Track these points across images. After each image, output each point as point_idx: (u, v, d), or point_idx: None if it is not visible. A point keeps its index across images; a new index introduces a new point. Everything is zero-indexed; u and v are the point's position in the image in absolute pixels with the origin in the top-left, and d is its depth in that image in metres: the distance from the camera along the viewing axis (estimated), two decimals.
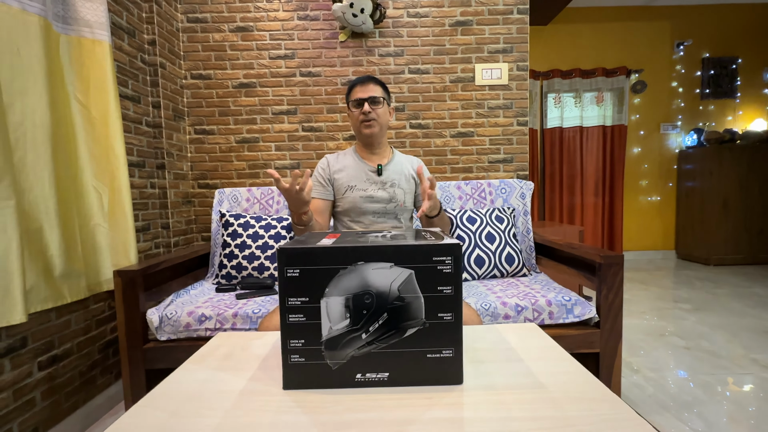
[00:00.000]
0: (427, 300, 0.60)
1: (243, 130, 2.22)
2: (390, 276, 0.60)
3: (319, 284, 0.59)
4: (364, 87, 1.25)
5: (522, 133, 2.23)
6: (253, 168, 2.24)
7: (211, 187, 2.23)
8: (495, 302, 1.32)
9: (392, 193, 1.32)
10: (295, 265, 0.59)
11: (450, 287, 0.60)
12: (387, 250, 0.59)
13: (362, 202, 1.30)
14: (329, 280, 0.59)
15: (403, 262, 0.59)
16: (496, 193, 1.89)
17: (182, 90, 2.17)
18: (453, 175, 2.25)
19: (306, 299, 0.59)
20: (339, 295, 0.59)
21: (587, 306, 1.33)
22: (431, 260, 0.59)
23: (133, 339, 1.27)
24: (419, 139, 2.24)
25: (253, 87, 2.20)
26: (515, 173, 2.25)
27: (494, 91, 2.21)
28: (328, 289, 0.59)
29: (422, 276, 0.60)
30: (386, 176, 1.33)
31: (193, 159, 2.22)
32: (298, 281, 0.59)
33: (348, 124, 2.23)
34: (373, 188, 1.31)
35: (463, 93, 2.21)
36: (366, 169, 1.33)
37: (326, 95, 2.22)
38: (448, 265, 0.59)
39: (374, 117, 1.26)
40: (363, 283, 0.59)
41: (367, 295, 0.59)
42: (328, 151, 2.23)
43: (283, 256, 0.59)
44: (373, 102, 1.25)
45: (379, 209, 1.31)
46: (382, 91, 1.28)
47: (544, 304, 1.32)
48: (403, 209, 1.35)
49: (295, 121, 2.22)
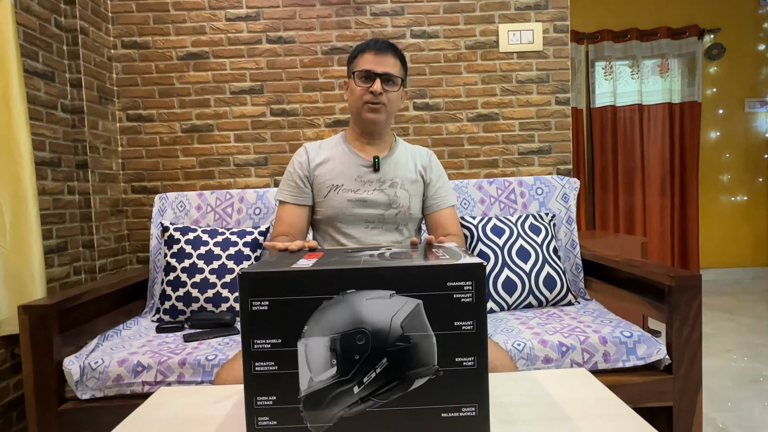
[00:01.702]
0: (441, 340, 0.60)
1: (192, 116, 2.23)
2: (390, 308, 0.60)
3: (295, 321, 0.59)
4: (381, 57, 1.24)
5: (563, 115, 2.25)
6: (206, 165, 2.25)
7: (149, 191, 2.23)
8: (531, 341, 1.32)
9: (393, 195, 1.31)
10: (262, 295, 0.59)
11: (471, 322, 0.60)
12: (386, 274, 0.60)
13: (351, 207, 1.29)
14: (309, 315, 0.59)
15: (408, 289, 0.60)
16: (530, 194, 1.90)
17: (110, 63, 2.18)
18: (472, 172, 2.27)
19: (278, 341, 0.59)
20: (322, 335, 0.59)
21: (655, 344, 1.33)
22: (445, 286, 0.59)
23: (44, 398, 1.25)
24: (426, 125, 2.26)
25: (205, 58, 2.22)
26: (554, 168, 2.26)
27: (525, 60, 2.24)
28: (308, 327, 0.59)
29: (434, 308, 0.60)
30: (385, 172, 1.33)
31: (125, 154, 2.23)
32: (267, 317, 0.59)
33: (333, 105, 2.24)
34: (366, 188, 1.30)
35: (483, 63, 2.24)
36: (358, 163, 1.32)
37: (302, 68, 2.23)
38: (468, 293, 0.60)
39: (384, 101, 1.25)
40: (354, 318, 0.59)
41: (360, 334, 0.60)
42: (305, 143, 2.23)
43: (246, 284, 0.59)
44: (387, 81, 1.25)
45: (375, 217, 1.31)
46: (401, 68, 1.28)
47: (596, 343, 1.32)
48: (408, 218, 1.34)
49: (261, 103, 2.24)
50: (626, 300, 1.53)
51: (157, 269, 1.81)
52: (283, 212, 1.33)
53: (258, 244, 1.74)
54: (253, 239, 1.73)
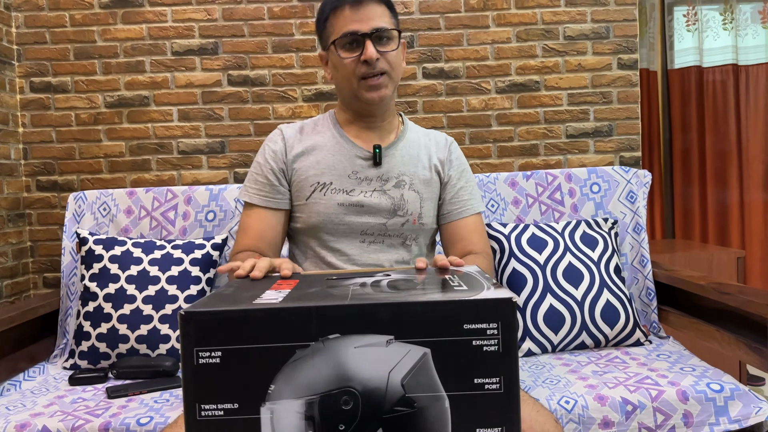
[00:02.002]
0: (457, 403, 0.60)
1: (120, 85, 2.24)
2: (387, 360, 0.60)
3: (258, 379, 0.59)
4: (362, 9, 1.24)
5: (628, 83, 2.26)
6: (139, 152, 2.25)
7: (61, 188, 2.24)
8: (585, 397, 1.32)
9: (398, 198, 1.33)
10: (213, 343, 0.59)
11: (497, 379, 0.60)
12: (381, 313, 0.60)
13: (343, 214, 1.30)
14: (277, 370, 0.59)
15: (411, 334, 0.60)
16: (583, 192, 1.90)
17: (8, 13, 2.19)
18: (502, 162, 2.28)
19: (234, 406, 0.59)
20: (295, 397, 0.59)
21: (754, 400, 1.33)
22: (461, 330, 0.60)
23: None
24: (440, 98, 2.27)
25: (138, 5, 2.23)
26: (617, 155, 2.27)
27: (575, 8, 2.25)
28: (275, 386, 0.59)
29: (446, 359, 0.60)
30: (389, 167, 1.34)
31: (28, 138, 2.23)
32: (219, 374, 0.59)
33: (314, 71, 2.25)
34: (363, 188, 1.32)
35: (518, 12, 2.24)
36: (353, 154, 1.34)
37: (271, 19, 2.25)
38: (492, 339, 0.60)
39: (385, 68, 1.26)
40: (338, 373, 0.59)
41: (347, 396, 0.60)
42: (276, 123, 2.26)
43: (190, 329, 0.59)
44: (380, 39, 1.25)
45: (374, 227, 1.32)
46: (390, 15, 1.29)
47: (674, 399, 1.32)
48: (418, 229, 1.35)
49: (215, 68, 2.25)
50: (715, 339, 1.53)
51: (71, 296, 1.81)
52: (248, 219, 1.34)
53: (211, 262, 1.75)
54: (204, 255, 1.74)
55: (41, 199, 2.23)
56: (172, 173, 2.25)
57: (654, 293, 1.82)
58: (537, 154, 2.27)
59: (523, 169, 2.26)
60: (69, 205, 1.91)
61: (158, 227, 1.87)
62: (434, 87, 2.26)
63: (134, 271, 1.68)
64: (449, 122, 2.26)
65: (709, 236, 3.90)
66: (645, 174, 1.93)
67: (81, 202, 1.90)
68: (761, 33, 3.96)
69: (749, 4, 3.98)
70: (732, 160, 3.92)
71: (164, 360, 1.58)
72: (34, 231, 2.23)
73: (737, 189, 3.91)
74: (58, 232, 2.21)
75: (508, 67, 2.25)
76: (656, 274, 1.84)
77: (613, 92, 2.26)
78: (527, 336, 1.62)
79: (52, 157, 2.23)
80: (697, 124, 3.92)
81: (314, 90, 2.25)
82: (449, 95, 2.26)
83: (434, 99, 2.26)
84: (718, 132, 3.91)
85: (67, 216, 1.89)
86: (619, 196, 1.90)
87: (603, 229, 1.78)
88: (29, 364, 1.68)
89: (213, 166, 2.25)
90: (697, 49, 3.94)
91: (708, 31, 3.94)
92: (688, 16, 3.90)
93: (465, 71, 2.26)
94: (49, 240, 2.22)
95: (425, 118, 2.25)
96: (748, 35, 3.96)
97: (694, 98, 3.87)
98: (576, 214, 1.89)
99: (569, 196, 1.90)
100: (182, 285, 1.68)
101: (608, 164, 2.27)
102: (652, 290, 1.82)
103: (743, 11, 3.96)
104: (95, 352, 1.62)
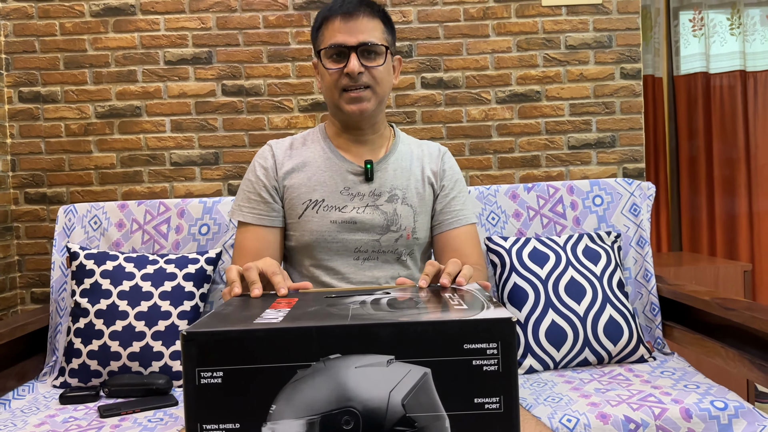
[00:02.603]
0: (457, 423, 0.60)
1: (111, 95, 2.24)
2: (388, 380, 0.61)
3: (259, 398, 0.60)
4: (352, 22, 1.26)
5: (631, 92, 2.27)
6: (131, 164, 2.25)
7: (50, 200, 2.23)
8: (587, 415, 1.32)
9: (391, 213, 1.34)
10: (215, 363, 0.60)
11: (497, 399, 0.61)
12: (381, 333, 0.61)
13: (336, 232, 1.31)
14: (278, 390, 0.60)
15: (412, 353, 0.61)
16: (585, 205, 1.91)
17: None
18: (503, 173, 2.28)
19: (235, 426, 0.60)
20: (296, 417, 0.60)
21: (758, 418, 1.32)
22: (461, 350, 0.61)
23: None
24: (440, 108, 2.27)
25: (130, 14, 2.23)
26: (620, 167, 2.28)
27: (577, 17, 2.26)
28: (277, 406, 0.60)
29: (446, 379, 0.61)
30: (381, 182, 1.35)
31: (16, 149, 2.23)
32: (220, 394, 0.60)
33: (309, 81, 2.26)
34: (356, 204, 1.33)
35: (519, 21, 2.26)
36: (344, 169, 1.35)
37: (267, 28, 2.25)
38: (492, 359, 0.61)
39: (368, 82, 1.27)
40: (339, 393, 0.60)
41: (348, 416, 0.61)
42: (271, 134, 2.25)
43: (193, 349, 0.60)
44: (367, 54, 1.27)
45: (368, 244, 1.33)
46: (383, 30, 1.30)
47: (677, 417, 1.32)
48: (412, 243, 1.36)
49: (208, 77, 2.25)
50: (720, 356, 1.53)
51: (61, 313, 1.79)
52: (244, 238, 1.35)
53: (205, 277, 1.74)
54: (198, 270, 1.73)
55: (29, 212, 2.22)
56: (165, 185, 2.25)
57: (658, 308, 1.81)
58: (538, 165, 2.27)
59: (524, 180, 2.27)
60: (59, 218, 1.89)
61: (150, 241, 1.87)
62: (433, 97, 2.27)
63: (126, 287, 1.67)
64: (449, 133, 2.26)
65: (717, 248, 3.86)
66: (649, 186, 1.93)
67: (71, 215, 1.88)
68: None
69: (758, 8, 3.93)
70: (740, 169, 3.89)
71: (157, 378, 1.57)
72: (22, 245, 2.22)
73: (746, 198, 3.88)
74: (46, 246, 2.21)
75: (508, 76, 2.26)
76: (660, 289, 1.84)
77: (616, 102, 2.27)
78: (529, 353, 1.62)
79: (41, 169, 2.23)
80: (704, 131, 3.89)
81: (310, 100, 2.25)
82: (449, 105, 2.27)
83: (433, 109, 2.27)
84: (726, 140, 3.88)
85: (57, 230, 1.87)
86: (623, 209, 1.90)
87: (606, 242, 1.78)
88: (18, 382, 1.66)
89: (206, 177, 2.25)
90: (703, 55, 3.90)
91: (715, 36, 3.90)
92: (694, 21, 3.87)
93: (464, 81, 2.26)
94: (37, 254, 2.22)
95: (424, 129, 2.26)
96: (756, 40, 3.91)
97: (700, 105, 3.85)
98: (578, 227, 1.89)
99: (571, 209, 1.90)
100: (175, 301, 1.67)
101: (611, 176, 2.27)
102: (657, 305, 1.81)
103: (751, 15, 3.91)
104: (86, 369, 1.61)
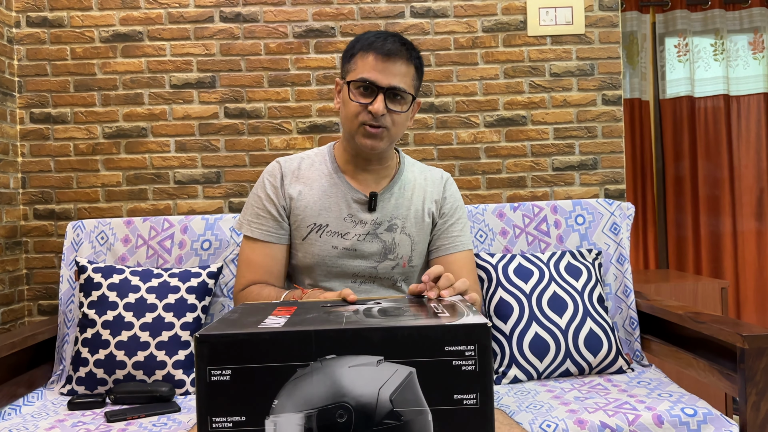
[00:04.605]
0: (439, 417, 0.65)
1: (118, 116, 2.29)
2: (378, 378, 0.65)
3: (263, 394, 0.64)
4: (389, 64, 1.25)
5: (612, 118, 2.34)
6: (136, 182, 2.30)
7: (59, 217, 2.28)
8: (565, 420, 1.37)
9: (390, 242, 1.38)
10: (224, 362, 0.65)
11: (473, 395, 0.65)
12: (372, 336, 0.66)
13: (337, 258, 1.35)
14: (280, 386, 0.65)
15: (399, 354, 0.65)
16: (568, 224, 1.97)
17: (11, 46, 2.25)
18: (491, 193, 2.35)
19: (241, 419, 0.64)
20: (296, 410, 0.64)
21: (725, 424, 1.38)
22: (443, 351, 0.66)
23: None
24: (431, 131, 2.34)
25: (138, 40, 2.29)
26: (601, 188, 2.35)
27: (561, 46, 2.34)
28: (279, 401, 0.65)
29: (429, 377, 0.65)
30: (383, 212, 1.39)
31: (27, 167, 2.28)
32: (228, 390, 0.64)
33: (308, 104, 2.32)
34: (357, 232, 1.36)
35: (506, 50, 2.32)
36: (350, 197, 1.38)
37: (268, 55, 2.32)
38: (469, 360, 0.65)
39: (387, 125, 1.28)
40: (334, 390, 0.65)
41: (342, 410, 0.65)
42: (271, 154, 2.32)
43: (205, 350, 0.65)
44: (394, 97, 1.27)
45: (366, 270, 1.37)
46: (414, 77, 1.31)
47: (650, 423, 1.37)
48: (407, 271, 1.41)
49: (212, 101, 2.31)
50: (693, 367, 1.59)
51: (68, 323, 1.83)
52: (253, 253, 1.37)
53: (207, 290, 1.78)
54: (200, 283, 1.77)
55: (38, 228, 2.26)
56: (168, 203, 2.30)
57: (637, 322, 1.87)
58: (524, 185, 2.34)
59: (511, 200, 2.32)
60: (68, 233, 1.93)
61: (155, 256, 1.91)
62: (424, 121, 2.34)
63: (132, 299, 1.71)
64: (439, 154, 2.34)
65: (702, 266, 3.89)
66: (628, 206, 2.00)
67: (79, 230, 1.93)
68: (752, 64, 3.96)
69: (740, 35, 3.98)
70: (725, 189, 3.89)
71: (161, 386, 1.61)
72: (30, 258, 2.26)
73: (730, 218, 3.89)
74: (54, 260, 2.25)
75: (496, 102, 2.33)
76: (639, 304, 1.89)
77: (598, 127, 2.34)
78: (513, 363, 1.67)
79: (50, 186, 2.27)
80: (689, 153, 3.89)
81: (308, 123, 2.32)
82: (439, 128, 2.34)
83: (425, 132, 2.34)
84: (711, 161, 3.89)
85: (66, 244, 1.91)
86: (603, 227, 1.96)
87: (587, 259, 1.84)
88: (27, 390, 1.70)
89: (209, 195, 2.30)
90: (688, 80, 3.92)
91: (699, 62, 3.92)
92: (679, 46, 3.91)
93: (455, 106, 2.33)
94: (45, 268, 2.26)
95: (416, 150, 2.32)
96: (739, 66, 3.94)
97: (686, 128, 3.86)
98: (561, 244, 1.95)
99: (555, 228, 1.96)
100: (179, 312, 1.71)
101: (593, 196, 2.34)
102: (635, 319, 1.87)
103: (734, 42, 3.96)
104: (92, 377, 1.65)
